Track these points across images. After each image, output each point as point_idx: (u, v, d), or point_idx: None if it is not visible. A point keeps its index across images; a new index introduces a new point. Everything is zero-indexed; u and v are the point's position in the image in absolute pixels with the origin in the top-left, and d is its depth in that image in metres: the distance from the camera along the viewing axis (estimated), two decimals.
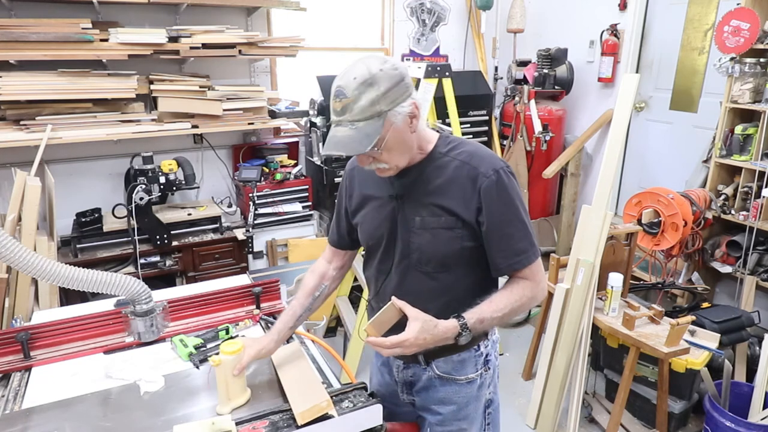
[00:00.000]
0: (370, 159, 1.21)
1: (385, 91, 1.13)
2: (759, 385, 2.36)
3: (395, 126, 1.16)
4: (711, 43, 3.16)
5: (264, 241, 3.35)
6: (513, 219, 1.24)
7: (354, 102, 1.12)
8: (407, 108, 1.17)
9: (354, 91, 1.12)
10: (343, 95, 1.13)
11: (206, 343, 1.57)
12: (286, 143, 3.65)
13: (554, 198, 4.15)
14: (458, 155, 1.26)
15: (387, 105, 1.13)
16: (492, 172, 1.22)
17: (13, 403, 1.33)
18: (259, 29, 3.38)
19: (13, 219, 2.37)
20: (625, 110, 2.41)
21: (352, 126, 1.14)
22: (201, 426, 1.16)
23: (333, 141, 1.16)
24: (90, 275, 1.38)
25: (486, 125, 3.94)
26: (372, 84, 1.12)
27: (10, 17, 2.74)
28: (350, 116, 1.13)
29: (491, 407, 1.46)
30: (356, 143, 1.13)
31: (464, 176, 1.23)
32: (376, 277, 1.41)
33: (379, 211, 1.34)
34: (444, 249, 1.26)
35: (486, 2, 3.87)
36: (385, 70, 1.13)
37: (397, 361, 1.44)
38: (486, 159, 1.24)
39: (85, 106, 2.82)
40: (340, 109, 1.14)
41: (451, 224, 1.24)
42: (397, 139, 1.18)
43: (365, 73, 1.12)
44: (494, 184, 1.21)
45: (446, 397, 1.39)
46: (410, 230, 1.28)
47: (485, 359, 1.39)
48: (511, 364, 3.17)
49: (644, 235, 2.78)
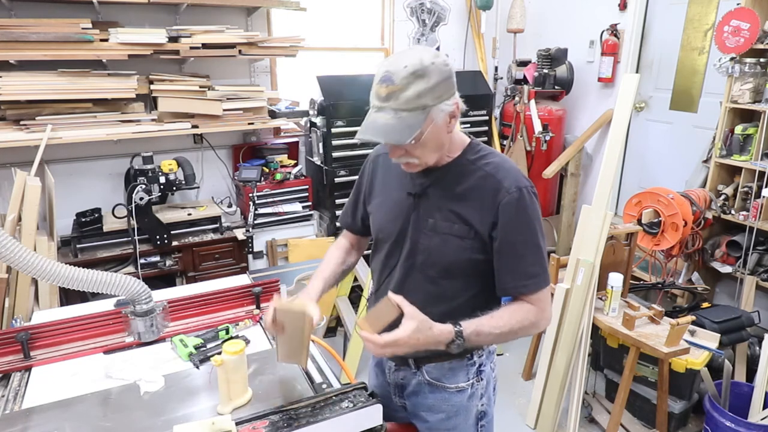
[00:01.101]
0: (402, 151, 1.18)
1: (434, 85, 1.10)
2: (759, 385, 2.36)
3: (435, 123, 1.14)
4: (711, 43, 3.16)
5: (264, 241, 3.35)
6: (528, 241, 1.21)
7: (402, 91, 1.09)
8: (450, 107, 1.15)
9: (403, 79, 1.08)
10: (391, 81, 1.09)
11: (206, 343, 1.56)
12: (286, 143, 3.65)
13: (554, 198, 4.15)
14: (485, 165, 1.23)
15: (433, 100, 1.11)
16: (515, 189, 1.18)
17: (13, 403, 1.33)
18: (259, 29, 3.38)
19: (13, 219, 2.37)
20: (625, 110, 2.41)
21: (395, 114, 1.10)
22: (201, 426, 1.16)
23: (372, 126, 1.12)
24: (90, 275, 1.37)
25: (486, 125, 3.94)
26: (423, 76, 1.09)
27: (10, 17, 2.74)
28: (395, 104, 1.10)
29: (484, 420, 1.41)
30: (397, 133, 1.10)
31: (486, 187, 1.20)
32: (380, 270, 1.39)
33: (394, 206, 1.32)
34: (451, 256, 1.24)
35: (486, 2, 3.87)
36: (437, 64, 1.10)
37: (389, 362, 1.43)
38: (511, 174, 1.21)
39: (85, 106, 2.82)
40: (385, 95, 1.10)
41: (463, 233, 1.22)
42: (434, 137, 1.16)
43: (417, 63, 1.09)
44: (515, 201, 1.18)
45: (435, 405, 1.37)
46: (421, 231, 1.26)
47: (478, 369, 1.36)
48: (511, 364, 3.17)
49: (644, 235, 2.78)
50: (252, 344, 1.59)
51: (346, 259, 1.50)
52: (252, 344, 1.59)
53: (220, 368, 1.24)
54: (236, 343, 1.27)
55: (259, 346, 1.59)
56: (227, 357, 1.24)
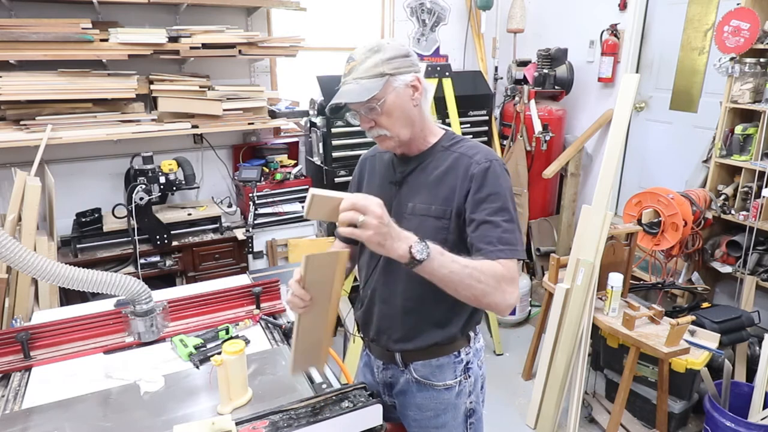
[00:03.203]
0: (371, 122, 1.25)
1: (389, 58, 1.22)
2: (759, 385, 2.36)
3: (396, 91, 1.22)
4: (711, 43, 3.16)
5: (264, 241, 3.35)
6: (500, 209, 1.20)
7: (360, 63, 1.22)
8: (409, 78, 1.24)
9: (362, 55, 1.23)
10: (352, 59, 1.24)
11: (206, 343, 1.57)
12: (286, 143, 3.65)
13: (554, 198, 4.15)
14: (459, 148, 1.30)
15: (390, 69, 1.21)
16: (485, 160, 1.25)
17: (13, 403, 1.33)
18: (259, 29, 3.38)
19: (13, 219, 2.37)
20: (625, 110, 2.41)
21: (356, 83, 1.22)
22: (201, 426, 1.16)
23: (337, 94, 1.24)
24: (90, 275, 1.38)
25: (486, 125, 3.94)
26: (378, 50, 1.22)
27: (10, 17, 2.74)
28: (356, 74, 1.22)
29: (473, 417, 1.43)
30: (356, 94, 1.20)
31: (460, 165, 1.26)
32: (368, 263, 1.41)
33: (377, 197, 1.32)
34: (428, 236, 1.16)
35: (486, 2, 3.87)
36: (392, 44, 1.24)
37: (377, 361, 1.45)
38: (483, 150, 1.28)
39: (85, 106, 2.82)
40: (348, 71, 1.24)
41: (440, 214, 1.26)
42: (397, 106, 1.23)
43: (374, 42, 1.25)
44: (485, 170, 1.23)
45: (423, 403, 1.38)
46: (402, 216, 1.29)
47: (465, 366, 1.38)
48: (511, 364, 3.18)
49: (644, 235, 2.78)
50: (252, 344, 1.60)
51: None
52: (252, 344, 1.60)
53: (220, 368, 1.24)
54: (236, 343, 1.27)
55: (259, 346, 1.59)
56: (227, 357, 1.24)
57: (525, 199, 3.84)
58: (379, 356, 1.44)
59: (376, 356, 1.45)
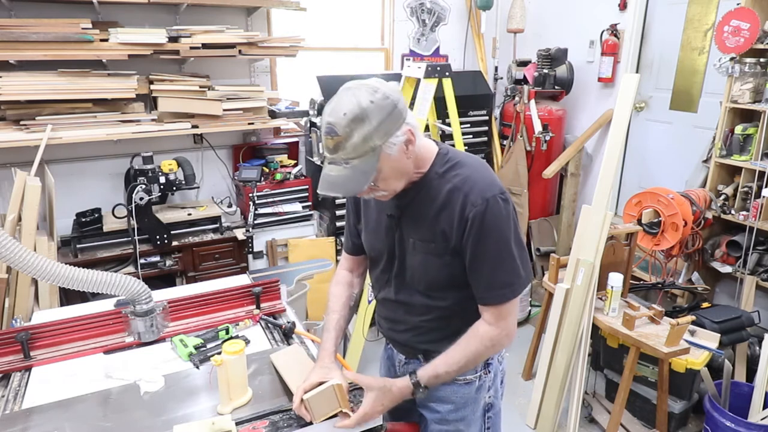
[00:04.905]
0: (367, 190, 1.17)
1: (378, 124, 1.07)
2: (759, 385, 2.36)
3: (391, 157, 1.12)
4: (711, 43, 3.16)
5: (264, 241, 3.35)
6: (499, 251, 1.20)
7: (346, 140, 1.07)
8: (402, 137, 1.12)
9: (345, 128, 1.06)
10: (335, 133, 1.07)
11: (206, 343, 1.57)
12: (286, 143, 3.65)
13: (554, 198, 4.15)
14: (453, 177, 1.21)
15: (381, 139, 1.09)
16: (481, 201, 1.16)
17: (13, 403, 1.33)
18: (259, 29, 3.38)
19: (13, 219, 2.37)
20: (625, 110, 2.41)
21: (346, 164, 1.09)
22: (201, 426, 1.16)
23: (328, 181, 1.12)
24: (90, 275, 1.38)
25: (486, 125, 3.94)
26: (363, 119, 1.06)
27: (10, 17, 2.73)
28: (344, 154, 1.08)
29: (491, 411, 1.46)
30: (353, 183, 1.11)
31: (454, 202, 1.19)
32: (377, 283, 1.45)
33: (378, 227, 1.35)
34: (434, 274, 1.27)
35: (486, 2, 3.87)
36: (376, 102, 1.07)
37: (399, 355, 1.47)
38: (478, 185, 1.19)
39: (85, 106, 2.82)
40: (332, 147, 1.09)
41: (441, 251, 1.23)
42: (394, 168, 1.15)
43: (355, 107, 1.06)
44: (480, 215, 1.16)
45: (444, 396, 1.40)
46: (405, 250, 1.30)
47: (486, 362, 1.40)
48: (511, 364, 3.18)
49: (644, 235, 2.78)
50: (252, 344, 1.60)
51: (351, 293, 1.52)
52: (252, 344, 1.60)
53: (220, 368, 1.24)
54: (236, 343, 1.27)
55: (259, 346, 1.60)
56: (227, 357, 1.24)
57: (525, 199, 3.84)
58: (402, 351, 1.46)
59: (399, 351, 1.47)
